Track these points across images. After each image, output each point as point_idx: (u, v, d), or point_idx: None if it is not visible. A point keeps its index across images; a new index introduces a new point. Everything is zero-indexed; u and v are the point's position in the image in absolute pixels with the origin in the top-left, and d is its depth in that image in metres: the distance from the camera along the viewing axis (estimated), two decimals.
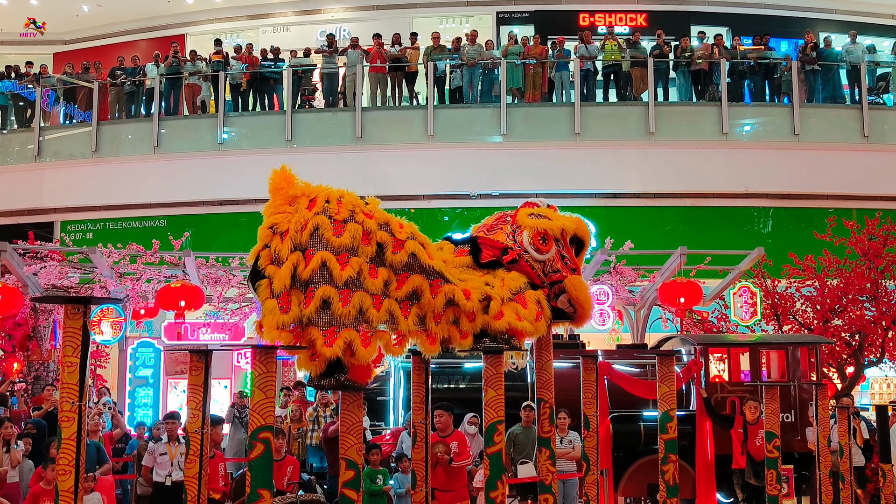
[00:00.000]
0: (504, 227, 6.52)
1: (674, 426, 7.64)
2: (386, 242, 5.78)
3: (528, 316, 6.16)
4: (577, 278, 6.50)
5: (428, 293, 5.78)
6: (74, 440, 4.74)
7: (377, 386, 13.05)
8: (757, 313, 14.65)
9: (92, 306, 5.16)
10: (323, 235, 5.56)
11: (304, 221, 5.57)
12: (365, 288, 5.58)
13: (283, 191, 5.71)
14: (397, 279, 5.75)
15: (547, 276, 6.38)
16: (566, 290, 6.36)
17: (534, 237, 6.41)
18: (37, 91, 19.86)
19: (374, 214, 5.83)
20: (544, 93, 18.82)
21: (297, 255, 5.52)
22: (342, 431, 5.81)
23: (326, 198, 5.71)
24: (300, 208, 5.65)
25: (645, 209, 17.72)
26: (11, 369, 14.59)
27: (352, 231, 5.63)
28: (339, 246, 5.57)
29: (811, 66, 18.50)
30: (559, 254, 6.47)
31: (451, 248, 6.48)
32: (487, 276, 6.23)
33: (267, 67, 19.43)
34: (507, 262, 6.27)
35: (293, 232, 5.54)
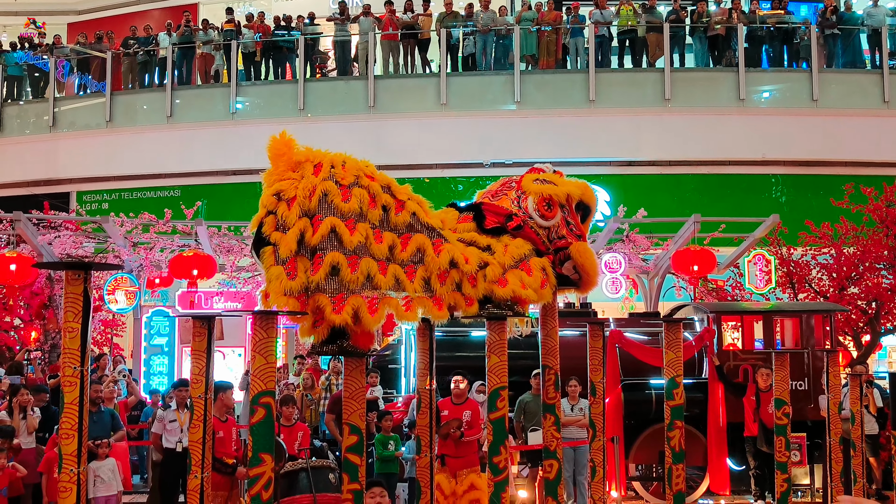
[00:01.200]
0: (509, 193, 6.47)
1: (680, 393, 7.62)
2: (389, 205, 5.76)
3: (532, 283, 6.12)
4: (583, 244, 6.44)
5: (431, 251, 5.76)
6: (77, 405, 4.78)
7: (389, 354, 13.10)
8: (772, 281, 14.51)
9: (94, 272, 5.18)
10: (332, 201, 5.53)
11: (312, 187, 5.54)
12: (371, 253, 5.58)
13: (285, 157, 5.68)
14: (401, 241, 5.74)
15: (552, 242, 6.34)
16: (571, 256, 6.32)
17: (538, 203, 6.35)
18: (51, 62, 19.88)
19: (376, 177, 5.81)
20: (558, 59, 18.63)
21: (304, 221, 5.50)
22: (345, 397, 5.83)
23: (331, 163, 5.68)
24: (306, 174, 5.62)
25: (659, 177, 17.58)
26: (29, 338, 14.74)
27: (358, 196, 5.61)
28: (348, 211, 5.55)
29: (831, 31, 18.19)
30: (564, 220, 6.42)
31: (456, 214, 6.44)
32: (491, 240, 6.20)
33: (279, 36, 19.35)
34: (512, 229, 6.23)
35: (301, 198, 5.51)
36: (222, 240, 15.06)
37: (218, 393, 8.25)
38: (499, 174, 17.65)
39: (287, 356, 16.46)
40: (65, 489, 4.75)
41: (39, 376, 13.34)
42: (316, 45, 19.75)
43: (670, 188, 17.43)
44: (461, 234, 6.14)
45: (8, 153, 19.29)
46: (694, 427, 11.47)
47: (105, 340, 15.50)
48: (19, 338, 14.82)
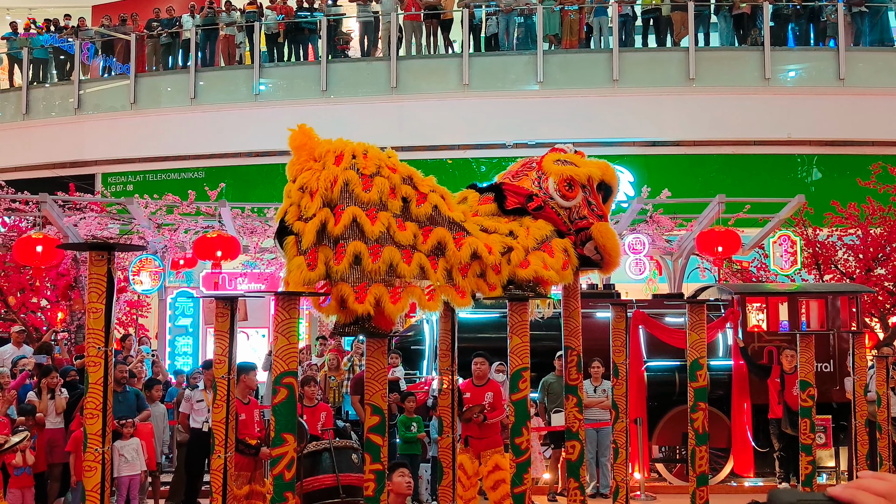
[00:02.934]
0: (529, 174, 6.43)
1: (704, 374, 7.58)
2: (410, 196, 5.76)
3: (554, 265, 6.10)
4: (604, 225, 6.40)
5: (452, 245, 5.77)
6: (101, 384, 4.82)
7: (412, 335, 13.13)
8: (797, 262, 14.38)
9: (120, 253, 5.21)
10: (353, 191, 5.54)
11: (334, 178, 5.56)
12: (396, 241, 5.60)
13: (307, 147, 5.69)
14: (422, 232, 5.74)
15: (573, 222, 6.30)
16: (593, 237, 6.28)
17: (559, 183, 6.31)
18: (76, 44, 19.99)
19: (398, 168, 5.81)
20: (582, 39, 18.49)
21: (325, 211, 5.51)
22: (367, 377, 5.85)
23: (353, 153, 5.69)
24: (327, 164, 5.63)
25: (684, 157, 17.43)
26: (55, 319, 14.91)
27: (379, 186, 5.62)
28: (369, 201, 5.56)
29: (858, 8, 17.90)
30: (586, 200, 6.37)
31: (476, 196, 6.43)
32: (513, 225, 6.17)
33: (302, 17, 19.32)
34: (533, 209, 6.20)
35: (322, 189, 5.53)
36: (246, 221, 15.12)
37: (241, 374, 8.30)
38: (521, 154, 17.60)
39: (310, 337, 16.54)
40: (90, 468, 4.81)
41: (66, 357, 13.51)
42: (338, 26, 19.71)
43: (694, 169, 17.28)
44: (483, 221, 6.12)
45: (34, 136, 19.44)
46: (718, 409, 11.44)
47: (130, 321, 15.64)
48: (46, 318, 14.99)
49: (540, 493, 10.84)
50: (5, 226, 15.07)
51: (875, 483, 1.51)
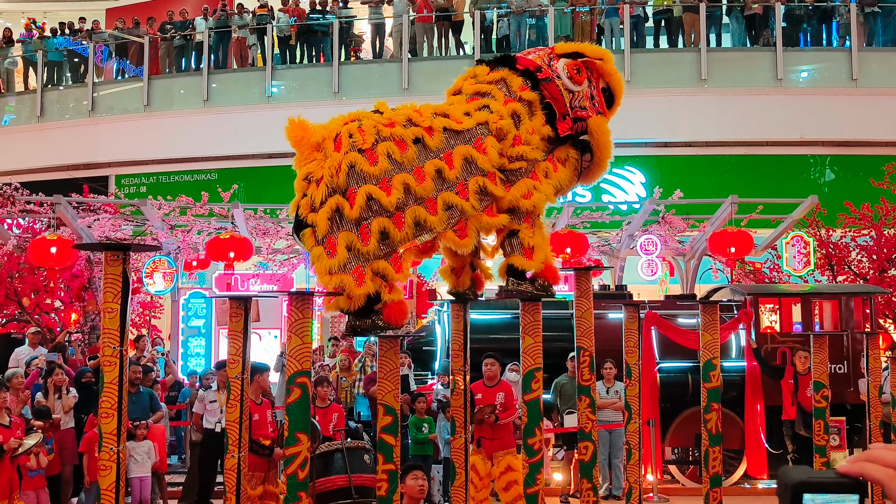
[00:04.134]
0: (541, 55, 6.41)
1: (717, 375, 7.57)
2: (420, 135, 5.75)
3: (545, 189, 6.05)
4: (602, 119, 6.33)
5: (477, 154, 5.76)
6: (116, 384, 4.86)
7: (423, 336, 13.14)
8: (810, 263, 14.33)
9: (134, 254, 5.25)
10: (361, 170, 5.54)
11: (338, 164, 5.56)
12: (418, 198, 5.58)
13: (304, 140, 5.69)
14: (445, 162, 5.73)
15: (573, 110, 6.22)
16: (589, 129, 6.22)
17: (569, 66, 6.26)
18: (90, 47, 20.10)
19: (395, 119, 5.78)
20: (593, 40, 18.46)
21: (335, 198, 5.51)
22: (380, 377, 5.86)
23: (349, 132, 5.67)
24: (328, 151, 5.63)
25: (696, 158, 17.39)
26: (69, 320, 15.00)
27: (385, 150, 5.60)
28: (380, 172, 5.55)
29: (871, 9, 17.84)
30: (589, 93, 6.31)
31: (486, 69, 6.39)
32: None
33: (314, 19, 19.38)
34: (541, 79, 6.17)
35: (328, 177, 5.53)
36: (258, 222, 15.18)
37: (254, 375, 8.32)
38: None
39: (322, 338, 16.60)
40: (104, 468, 4.84)
41: (80, 358, 13.59)
42: (350, 28, 19.78)
43: (707, 169, 17.24)
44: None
45: (48, 138, 19.56)
46: (731, 410, 11.40)
47: (143, 322, 15.73)
48: (59, 320, 15.08)
49: (552, 495, 10.83)
50: (20, 227, 15.18)
51: (884, 454, 1.50)
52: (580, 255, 13.93)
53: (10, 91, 21.07)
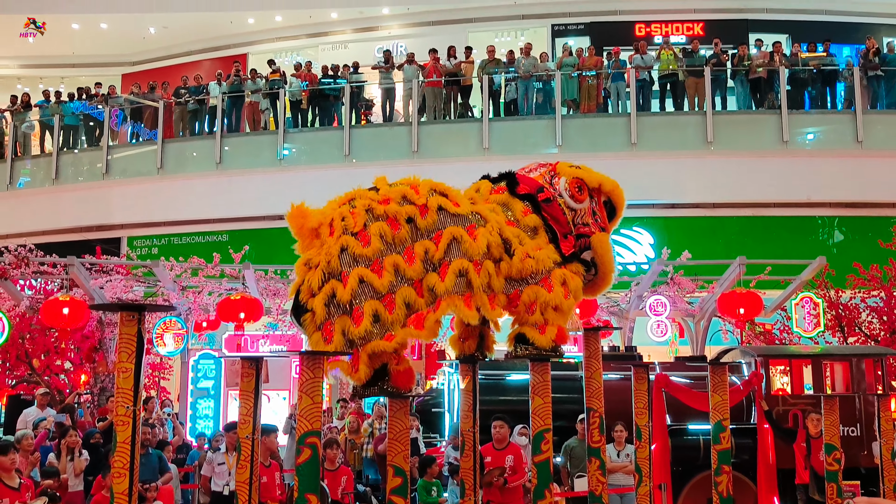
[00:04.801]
0: (543, 172, 6.53)
1: (727, 437, 7.53)
2: (413, 214, 5.80)
3: (552, 300, 6.07)
4: (605, 236, 6.45)
5: (467, 237, 5.79)
6: (129, 444, 4.88)
7: (432, 398, 13.11)
8: (820, 324, 14.29)
9: (148, 314, 5.32)
10: (353, 252, 5.61)
11: (331, 248, 5.65)
12: (406, 279, 5.63)
13: (304, 227, 5.78)
14: (434, 242, 5.77)
15: (576, 227, 6.33)
16: (592, 245, 6.32)
17: (570, 184, 6.38)
18: (105, 111, 20.47)
19: (390, 196, 5.85)
20: (600, 103, 18.74)
21: (331, 283, 5.57)
22: (389, 438, 5.86)
23: (341, 216, 5.74)
24: (324, 238, 5.71)
25: (703, 219, 17.49)
26: (79, 381, 15.00)
27: (377, 231, 5.67)
28: (373, 253, 5.62)
29: (874, 72, 18.09)
30: (591, 209, 6.44)
31: (489, 185, 6.49)
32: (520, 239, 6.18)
33: (326, 84, 19.73)
34: (542, 200, 6.25)
35: (324, 264, 5.62)
36: (269, 283, 15.27)
37: (262, 436, 8.32)
38: None
39: (331, 399, 16.55)
40: None
41: (88, 419, 13.57)
42: (361, 93, 20.12)
43: (714, 230, 17.32)
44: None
45: (63, 200, 19.81)
46: (743, 474, 11.28)
47: (153, 384, 15.72)
48: (69, 381, 15.09)
49: None
50: (32, 288, 15.29)
51: None
52: (589, 316, 13.94)
53: (26, 154, 21.41)
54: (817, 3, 22.54)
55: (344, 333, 5.52)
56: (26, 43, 25.49)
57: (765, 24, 22.55)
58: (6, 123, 21.72)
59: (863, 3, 22.56)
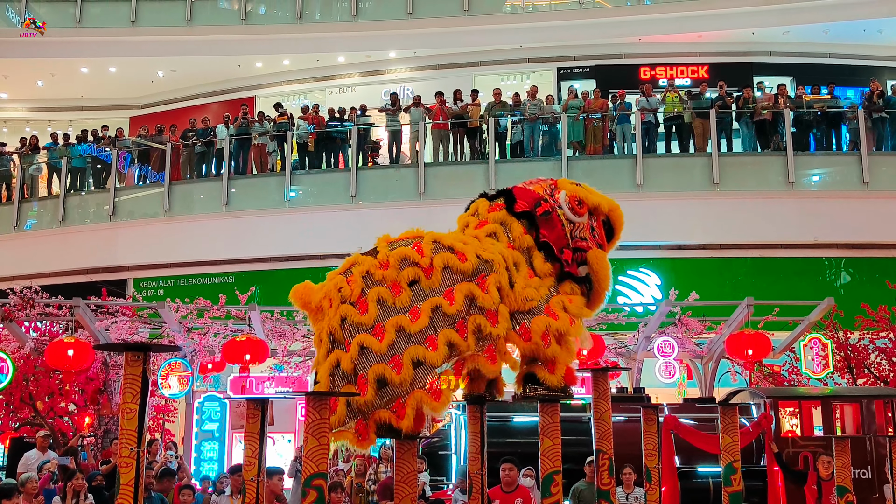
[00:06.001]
0: (543, 185, 6.53)
1: (738, 479, 7.44)
2: (417, 276, 5.76)
3: (561, 326, 6.04)
4: (602, 253, 6.43)
5: (480, 292, 5.75)
6: (132, 486, 4.83)
7: (438, 440, 12.99)
8: (829, 366, 14.21)
9: (153, 355, 5.29)
10: (353, 321, 5.58)
11: (331, 322, 5.64)
12: (412, 338, 5.57)
13: (309, 304, 5.78)
14: (446, 299, 5.73)
15: (573, 240, 6.30)
16: (588, 261, 6.30)
17: (570, 198, 6.38)
18: (113, 153, 20.61)
19: (389, 260, 5.79)
20: (605, 145, 18.82)
21: (335, 353, 5.56)
22: (397, 481, 5.80)
23: (337, 286, 5.70)
24: (326, 311, 5.70)
25: (710, 260, 17.46)
26: (83, 423, 14.91)
27: (375, 297, 5.62)
28: (371, 320, 5.57)
29: (878, 114, 18.17)
30: (590, 225, 6.43)
31: (486, 204, 6.47)
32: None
33: (333, 127, 19.87)
34: (540, 214, 6.23)
35: (325, 337, 5.63)
36: (275, 324, 15.23)
37: (267, 479, 8.23)
38: None
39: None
40: None
41: (92, 462, 13.47)
42: (368, 135, 20.25)
43: (721, 272, 17.29)
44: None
45: (70, 242, 19.86)
46: None
47: (157, 426, 15.62)
48: (73, 423, 15.00)
49: None
50: (37, 330, 15.27)
51: None
52: (597, 357, 13.87)
53: (33, 196, 21.52)
54: (821, 47, 22.67)
55: (348, 403, 5.47)
56: (36, 86, 25.74)
57: (769, 67, 22.69)
58: (14, 166, 21.87)
59: (866, 47, 22.69)
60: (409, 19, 22.57)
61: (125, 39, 23.32)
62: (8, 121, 27.42)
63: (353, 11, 22.76)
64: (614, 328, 15.53)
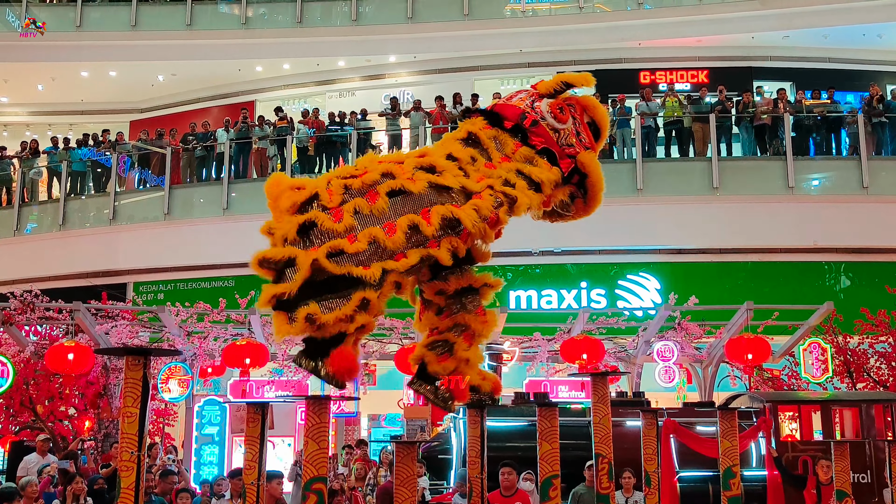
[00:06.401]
0: (524, 97, 6.29)
1: (737, 483, 7.45)
2: (396, 174, 5.50)
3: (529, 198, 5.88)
4: (592, 154, 6.21)
5: (457, 210, 5.48)
6: (133, 490, 4.84)
7: (438, 444, 12.99)
8: (828, 370, 14.21)
9: (153, 359, 5.31)
10: (324, 227, 5.38)
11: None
12: (386, 250, 5.31)
13: (277, 205, 5.64)
14: (422, 217, 5.43)
15: (561, 147, 6.11)
16: (580, 164, 6.11)
17: (552, 105, 6.16)
18: (113, 157, 20.64)
19: (368, 169, 5.55)
20: (605, 150, 18.84)
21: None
22: (396, 485, 5.80)
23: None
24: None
25: (710, 265, 17.48)
26: (83, 427, 14.92)
27: (351, 208, 5.37)
28: (344, 229, 5.34)
29: (878, 119, 18.19)
30: (575, 130, 6.21)
31: (482, 122, 6.13)
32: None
33: (333, 131, 19.90)
34: (529, 125, 6.10)
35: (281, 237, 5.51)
36: None
37: (267, 483, 8.24)
38: (547, 262, 17.78)
39: (336, 446, 16.42)
40: None
41: (92, 466, 13.47)
42: (368, 139, 20.27)
43: (721, 276, 17.31)
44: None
45: (70, 245, 19.88)
46: None
47: (157, 430, 15.62)
48: (73, 427, 15.00)
49: None
50: (38, 334, 15.28)
51: None
52: (596, 362, 13.88)
53: (33, 200, 21.55)
54: (821, 51, 22.73)
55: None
56: (36, 90, 25.80)
57: (769, 72, 22.75)
58: (14, 170, 21.90)
59: (866, 51, 22.75)
60: (410, 23, 22.61)
61: (125, 43, 23.36)
62: (8, 125, 27.46)
63: (354, 16, 22.79)
64: (614, 332, 15.54)
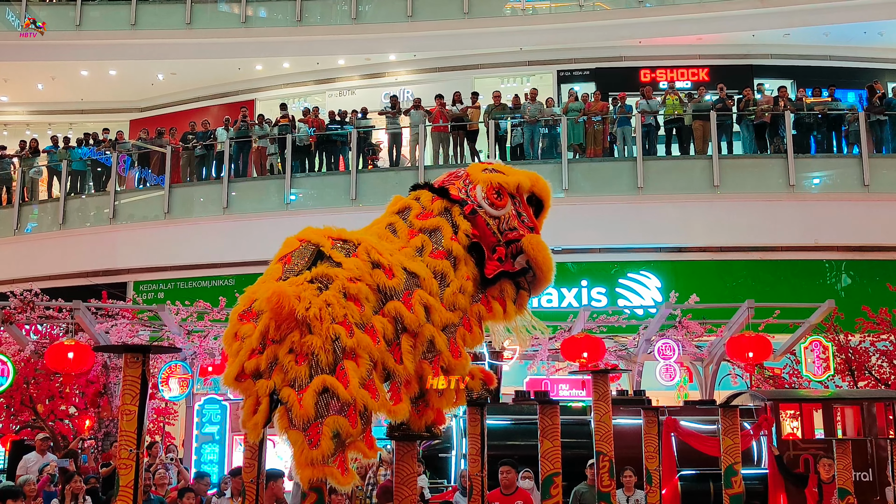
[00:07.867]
0: (456, 183, 6.08)
1: (738, 480, 7.42)
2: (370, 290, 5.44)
3: (474, 341, 5.76)
4: (536, 237, 5.99)
5: (405, 311, 5.42)
6: (131, 488, 4.82)
7: (439, 442, 12.96)
8: (830, 368, 14.19)
9: (153, 358, 5.28)
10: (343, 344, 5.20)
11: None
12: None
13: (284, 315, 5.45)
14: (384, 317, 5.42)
15: (503, 234, 5.93)
16: (524, 249, 5.91)
17: (488, 191, 5.95)
18: (113, 157, 20.61)
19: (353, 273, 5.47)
20: (606, 148, 18.82)
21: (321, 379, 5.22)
22: (396, 483, 5.78)
23: (327, 302, 5.38)
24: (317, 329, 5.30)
25: (711, 263, 17.44)
26: (83, 426, 14.90)
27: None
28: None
29: (878, 117, 18.16)
30: (515, 211, 6.01)
31: (429, 195, 6.08)
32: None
33: (333, 130, 19.87)
34: (468, 213, 5.85)
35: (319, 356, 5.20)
36: None
37: (268, 482, 8.22)
38: None
39: None
40: None
41: (92, 465, 13.45)
42: (368, 138, 20.25)
43: (722, 274, 17.28)
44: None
45: (70, 245, 19.86)
46: None
47: (157, 429, 15.60)
48: (73, 426, 14.98)
49: None
50: (38, 333, 15.26)
51: None
52: (597, 360, 13.85)
53: (33, 199, 21.53)
54: (822, 49, 22.68)
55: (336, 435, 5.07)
56: (36, 89, 25.77)
57: (769, 70, 22.69)
58: (14, 169, 21.87)
59: (867, 49, 22.71)
60: (409, 22, 22.58)
61: (125, 42, 23.33)
62: (8, 124, 27.43)
63: (353, 14, 22.76)
64: (615, 331, 15.51)
